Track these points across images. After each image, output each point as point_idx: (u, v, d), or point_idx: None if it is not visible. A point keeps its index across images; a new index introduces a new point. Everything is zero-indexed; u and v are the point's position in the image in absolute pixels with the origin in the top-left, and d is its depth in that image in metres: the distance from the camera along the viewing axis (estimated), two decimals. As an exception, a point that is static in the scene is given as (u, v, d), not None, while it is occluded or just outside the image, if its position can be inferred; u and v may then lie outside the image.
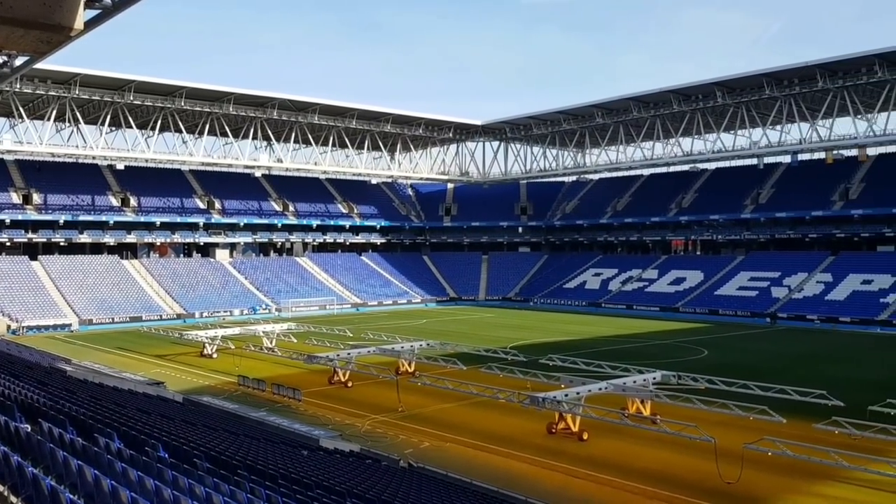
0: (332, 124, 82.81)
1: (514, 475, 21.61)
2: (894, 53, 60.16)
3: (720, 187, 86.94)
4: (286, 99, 75.66)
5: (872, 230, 71.61)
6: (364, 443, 24.55)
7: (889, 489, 19.56)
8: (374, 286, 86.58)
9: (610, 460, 23.17)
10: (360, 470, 18.55)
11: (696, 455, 22.67)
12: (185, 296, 72.59)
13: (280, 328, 49.55)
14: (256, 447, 18.58)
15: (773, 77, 68.24)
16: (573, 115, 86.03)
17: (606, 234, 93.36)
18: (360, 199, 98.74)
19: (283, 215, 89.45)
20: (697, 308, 71.76)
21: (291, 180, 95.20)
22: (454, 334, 54.67)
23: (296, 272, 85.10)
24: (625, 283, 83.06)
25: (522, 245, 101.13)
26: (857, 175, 77.24)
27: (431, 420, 28.62)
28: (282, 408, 30.60)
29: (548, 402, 25.29)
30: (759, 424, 23.17)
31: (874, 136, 67.07)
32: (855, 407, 24.56)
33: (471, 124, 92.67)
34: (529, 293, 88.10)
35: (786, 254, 77.05)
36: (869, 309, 62.15)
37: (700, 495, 19.87)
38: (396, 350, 38.69)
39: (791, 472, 21.13)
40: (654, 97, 77.15)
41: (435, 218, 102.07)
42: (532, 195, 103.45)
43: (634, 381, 28.56)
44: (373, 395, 33.12)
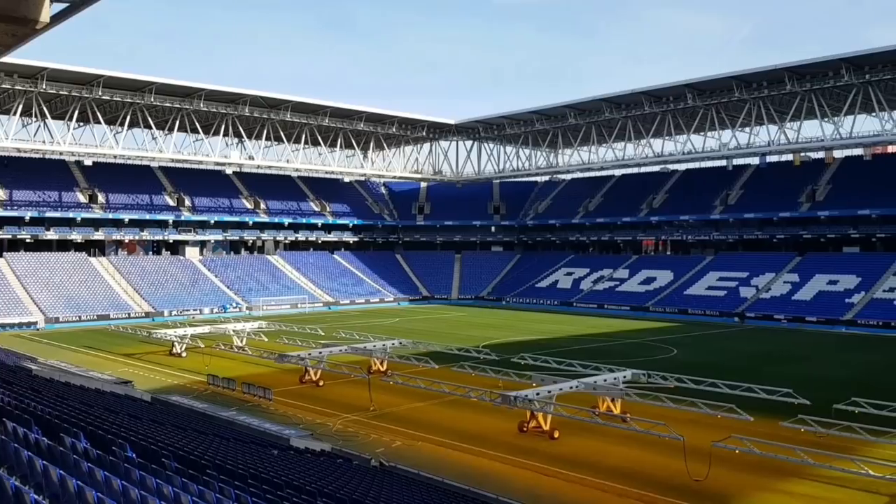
0: (305, 122, 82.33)
1: (486, 473, 21.66)
2: (860, 57, 61.33)
3: (690, 188, 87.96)
4: (258, 95, 75.03)
5: (838, 231, 72.92)
6: (335, 442, 24.45)
7: (853, 486, 19.94)
8: (347, 285, 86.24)
9: (580, 458, 23.32)
10: (330, 469, 18.47)
11: (665, 453, 22.90)
12: (154, 294, 71.72)
13: (251, 327, 49.17)
14: (226, 447, 18.41)
15: (742, 80, 69.17)
16: (546, 116, 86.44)
17: (578, 233, 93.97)
18: (333, 198, 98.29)
19: (255, 213, 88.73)
20: (667, 307, 72.53)
21: (263, 178, 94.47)
22: (427, 333, 54.66)
23: (267, 270, 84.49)
24: (596, 282, 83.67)
25: (495, 244, 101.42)
26: (823, 177, 78.59)
27: (403, 419, 28.59)
28: (252, 407, 30.37)
29: (519, 400, 25.39)
30: (727, 422, 23.47)
31: (840, 139, 68.25)
32: (820, 405, 24.99)
33: (444, 123, 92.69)
34: (502, 292, 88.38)
35: (754, 254, 78.18)
36: (834, 309, 63.27)
37: (669, 493, 20.08)
38: (368, 349, 38.57)
39: (758, 470, 21.44)
40: (626, 98, 77.78)
41: (408, 217, 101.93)
42: (505, 195, 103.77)
43: (605, 380, 28.79)
44: (344, 395, 32.99)
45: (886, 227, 69.90)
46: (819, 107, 66.31)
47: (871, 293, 64.14)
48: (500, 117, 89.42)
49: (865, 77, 62.67)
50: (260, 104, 77.51)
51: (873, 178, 74.44)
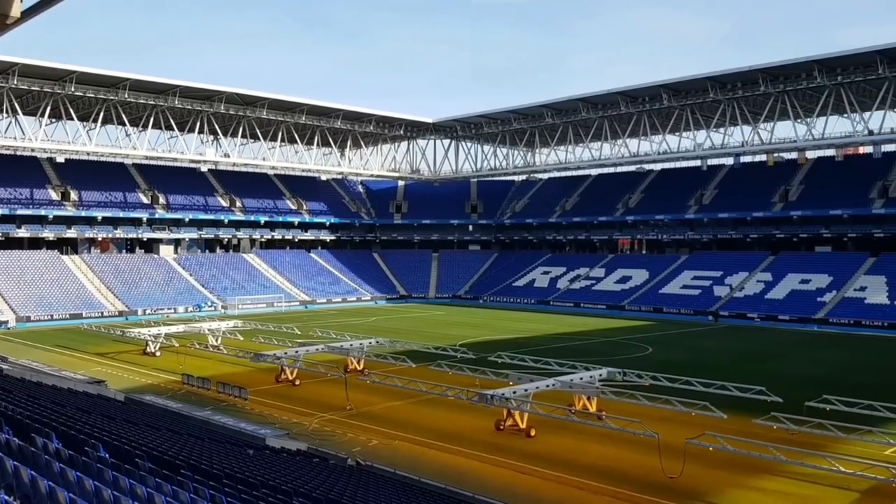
0: (281, 119, 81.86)
1: (462, 472, 21.70)
2: (832, 59, 62.24)
3: (665, 188, 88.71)
4: (234, 93, 74.46)
5: (810, 231, 73.94)
6: (311, 441, 24.35)
7: (824, 482, 20.23)
8: (324, 283, 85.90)
9: (556, 456, 23.44)
10: (307, 469, 18.39)
11: (640, 450, 23.08)
12: (128, 293, 70.94)
13: (226, 326, 48.82)
14: (201, 447, 18.26)
15: (716, 80, 69.89)
16: (523, 115, 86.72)
17: (555, 233, 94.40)
18: (310, 196, 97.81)
19: (230, 211, 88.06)
20: (643, 306, 73.10)
21: (239, 175, 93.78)
22: (404, 332, 54.61)
23: (243, 269, 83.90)
24: (573, 281, 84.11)
25: (473, 243, 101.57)
26: (796, 177, 79.64)
27: (380, 418, 28.54)
28: (227, 407, 30.15)
29: (496, 399, 25.46)
30: (701, 420, 23.71)
31: (813, 140, 69.24)
32: (792, 403, 25.34)
33: (422, 122, 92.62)
34: (479, 291, 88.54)
35: (728, 253, 79.02)
36: (807, 308, 64.15)
37: (644, 490, 20.25)
38: (345, 348, 38.46)
39: (731, 467, 21.68)
40: (603, 98, 78.26)
41: (385, 215, 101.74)
42: (482, 194, 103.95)
43: (581, 378, 28.97)
44: (321, 394, 32.87)
45: (857, 227, 71.03)
46: (792, 108, 67.22)
47: (842, 292, 65.13)
48: (478, 116, 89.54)
49: (837, 79, 63.61)
50: (236, 101, 76.92)
51: (845, 178, 75.59)
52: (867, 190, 71.85)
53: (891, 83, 61.10)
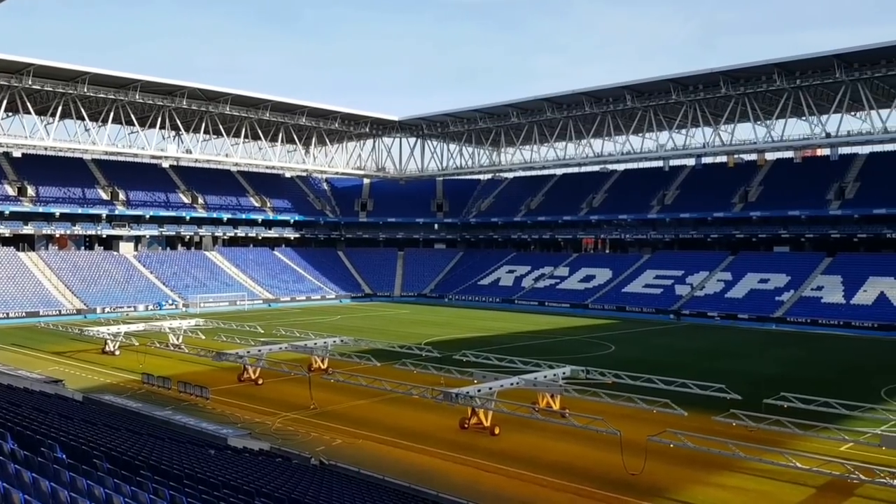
0: (245, 115, 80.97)
1: (426, 470, 21.70)
2: (791, 62, 63.49)
3: (628, 188, 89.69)
4: (196, 88, 73.43)
5: (769, 231, 75.37)
6: (274, 441, 24.14)
7: (781, 478, 20.63)
8: (287, 282, 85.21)
9: (520, 454, 23.55)
10: (269, 469, 18.22)
11: (602, 447, 23.30)
12: (86, 290, 69.57)
13: (187, 324, 48.15)
14: (161, 447, 17.98)
15: (679, 83, 70.85)
16: (489, 114, 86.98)
17: (520, 231, 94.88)
18: (274, 193, 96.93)
19: (192, 208, 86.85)
20: (606, 305, 73.83)
21: (201, 172, 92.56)
22: (369, 331, 54.42)
23: (205, 267, 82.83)
24: (537, 280, 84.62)
25: (438, 242, 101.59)
26: (755, 178, 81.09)
27: (344, 417, 28.41)
28: (188, 406, 29.74)
29: (461, 397, 25.50)
30: (662, 417, 24.02)
31: (772, 142, 70.56)
32: (751, 400, 25.79)
33: (387, 120, 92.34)
34: (445, 290, 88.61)
35: (689, 253, 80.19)
36: (765, 306, 65.37)
37: (605, 486, 20.45)
38: (309, 347, 38.18)
39: (691, 463, 21.99)
40: (567, 98, 78.84)
41: (350, 213, 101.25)
42: (448, 192, 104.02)
43: (545, 376, 29.17)
44: (284, 393, 32.59)
45: (815, 228, 72.59)
46: (752, 110, 68.44)
47: (799, 291, 66.51)
48: (444, 115, 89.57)
49: (796, 82, 64.91)
50: (198, 97, 75.87)
51: (803, 180, 77.21)
52: (824, 191, 73.48)
53: (848, 87, 62.53)
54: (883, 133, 63.80)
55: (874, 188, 70.81)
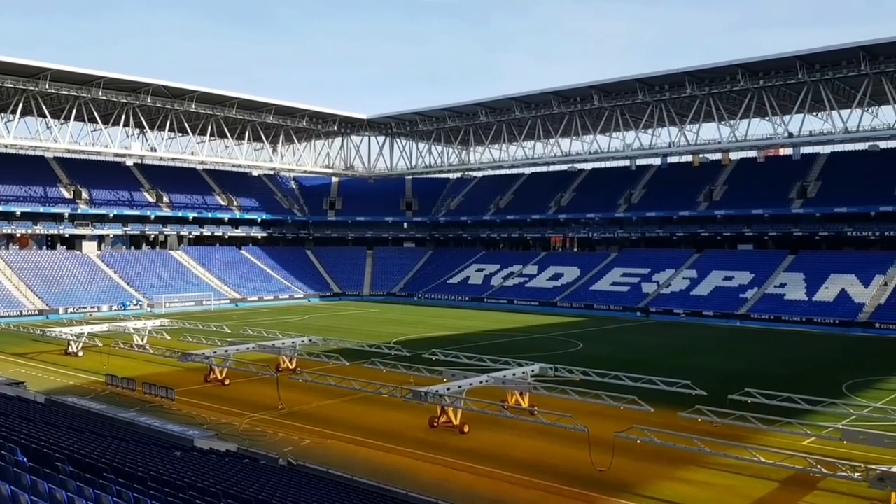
0: (211, 113, 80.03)
1: (396, 470, 21.66)
2: (755, 63, 64.48)
3: (596, 187, 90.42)
4: (161, 85, 72.36)
5: (733, 230, 76.50)
6: (242, 442, 23.91)
7: (746, 472, 20.95)
8: (255, 281, 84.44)
9: (489, 452, 23.62)
10: (236, 470, 18.04)
11: (570, 444, 23.45)
12: (48, 291, 68.25)
13: (152, 325, 47.47)
14: (125, 449, 17.71)
15: (645, 83, 71.58)
16: (458, 113, 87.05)
17: (489, 230, 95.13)
18: (241, 192, 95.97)
19: (157, 207, 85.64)
20: (574, 303, 74.36)
21: (166, 170, 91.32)
22: (337, 330, 54.17)
23: (170, 266, 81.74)
24: (506, 278, 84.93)
25: (407, 240, 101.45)
26: (720, 178, 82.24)
27: (313, 417, 28.23)
28: (154, 408, 29.33)
29: (430, 396, 25.49)
30: (630, 414, 24.25)
31: (736, 142, 71.61)
32: (716, 396, 26.13)
33: (356, 118, 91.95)
34: (414, 288, 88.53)
35: (655, 251, 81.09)
36: (729, 304, 66.35)
37: (573, 483, 20.59)
38: (277, 346, 37.87)
39: (658, 459, 22.24)
40: (536, 98, 79.23)
41: (319, 212, 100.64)
42: (417, 191, 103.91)
43: (514, 374, 29.28)
44: (252, 393, 32.30)
45: (778, 226, 73.85)
46: (717, 110, 69.39)
47: (763, 289, 67.62)
48: (413, 113, 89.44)
49: (760, 83, 65.96)
50: (163, 94, 74.80)
51: (766, 179, 78.50)
52: (787, 190, 74.79)
53: (810, 87, 63.70)
54: (844, 133, 65.10)
55: (835, 187, 72.26)
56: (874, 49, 58.79)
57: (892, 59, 59.53)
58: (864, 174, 72.17)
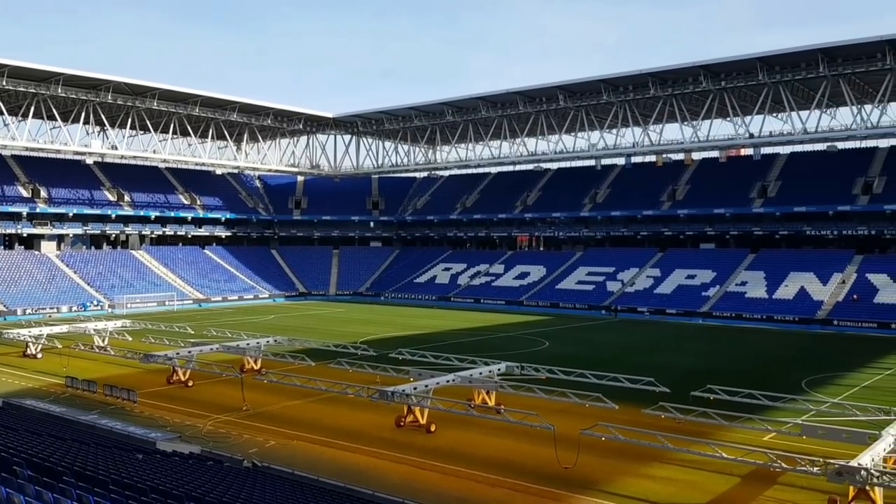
0: (174, 111, 78.85)
1: (362, 470, 21.57)
2: (717, 65, 65.49)
3: (562, 186, 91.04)
4: (122, 82, 71.10)
5: (696, 229, 77.61)
6: (206, 444, 23.63)
7: (708, 468, 21.25)
8: (219, 281, 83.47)
9: (456, 451, 23.65)
10: (200, 472, 17.82)
11: (537, 442, 23.58)
12: (6, 291, 66.70)
13: (113, 326, 46.70)
14: (86, 452, 17.40)
15: (609, 83, 72.26)
16: (425, 112, 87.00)
17: (456, 230, 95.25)
18: (204, 190, 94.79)
19: (118, 206, 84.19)
20: (540, 301, 74.80)
21: (127, 169, 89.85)
22: (303, 330, 53.81)
23: (131, 266, 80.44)
24: (473, 277, 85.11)
25: (374, 240, 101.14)
26: (683, 177, 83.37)
27: (278, 418, 28.00)
28: (115, 410, 28.83)
29: (396, 395, 25.43)
30: (595, 411, 24.46)
31: (698, 142, 72.64)
32: (679, 393, 26.48)
33: (322, 116, 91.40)
34: (380, 288, 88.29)
35: (620, 250, 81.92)
36: (692, 302, 67.30)
37: (539, 480, 20.71)
38: (241, 347, 37.49)
39: (622, 455, 22.47)
40: (502, 98, 79.51)
41: (284, 211, 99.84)
42: (384, 190, 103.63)
43: (480, 373, 29.36)
44: (216, 395, 31.93)
45: (739, 225, 75.10)
46: (679, 111, 70.32)
47: (724, 287, 68.70)
48: (379, 112, 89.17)
49: (721, 84, 66.99)
50: (124, 91, 73.54)
51: (727, 179, 79.76)
52: (748, 190, 76.07)
53: (770, 89, 64.85)
54: (803, 134, 66.47)
55: (795, 187, 73.70)
56: (832, 51, 60.09)
57: (849, 62, 60.91)
58: (823, 174, 73.73)
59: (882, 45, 57.37)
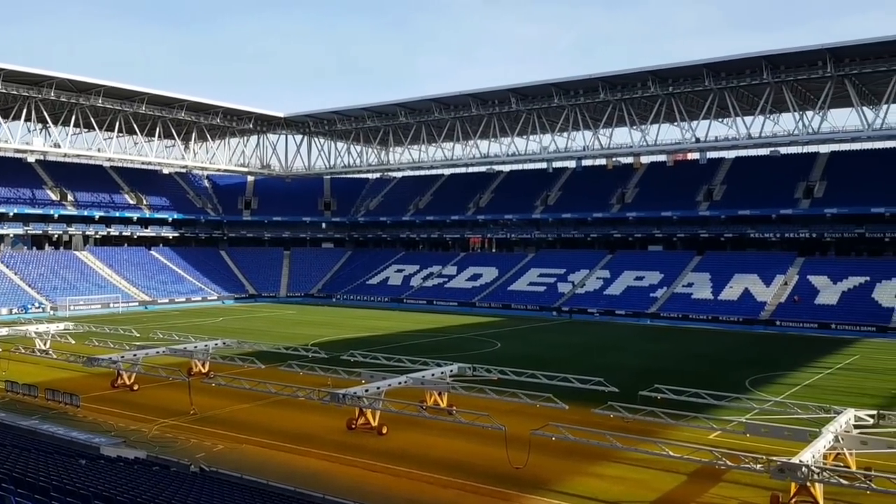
0: (119, 108, 77.03)
1: (312, 473, 21.38)
2: (665, 70, 66.76)
3: (514, 189, 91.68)
4: (65, 78, 69.20)
5: (644, 231, 78.97)
6: (152, 449, 23.13)
7: (656, 466, 21.62)
8: (166, 283, 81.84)
9: (408, 452, 23.60)
10: (146, 478, 17.45)
11: (488, 443, 23.67)
12: (-59, 293, 64.37)
13: (56, 328, 45.36)
14: (26, 458, 16.88)
15: (560, 87, 73.06)
16: (377, 113, 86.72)
17: (409, 231, 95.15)
18: (151, 190, 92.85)
19: (61, 205, 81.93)
20: (492, 302, 75.19)
21: (71, 167, 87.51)
22: (253, 332, 53.11)
23: (75, 268, 78.33)
24: (426, 278, 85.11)
25: (326, 241, 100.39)
26: (632, 181, 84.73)
27: (227, 422, 27.56)
28: (57, 415, 28.03)
29: (348, 398, 25.28)
30: (546, 411, 24.66)
31: (647, 146, 73.91)
32: (627, 392, 26.88)
33: (273, 116, 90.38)
34: (332, 289, 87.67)
35: (570, 252, 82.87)
36: (641, 303, 68.43)
37: (490, 481, 20.80)
38: (189, 350, 36.83)
39: (572, 455, 22.71)
40: (455, 100, 79.73)
41: (234, 211, 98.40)
42: (336, 191, 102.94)
43: (433, 375, 29.37)
44: (162, 399, 31.28)
45: (685, 228, 76.66)
46: (629, 115, 71.45)
47: (672, 288, 70.03)
48: (331, 112, 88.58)
49: (669, 89, 68.28)
50: (68, 88, 71.57)
51: (674, 182, 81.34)
52: (694, 193, 77.70)
53: (716, 94, 66.35)
54: (747, 139, 68.17)
55: (739, 191, 75.57)
56: (775, 59, 61.77)
57: (791, 69, 62.69)
58: (766, 178, 75.72)
59: (823, 53, 59.21)
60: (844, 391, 33.67)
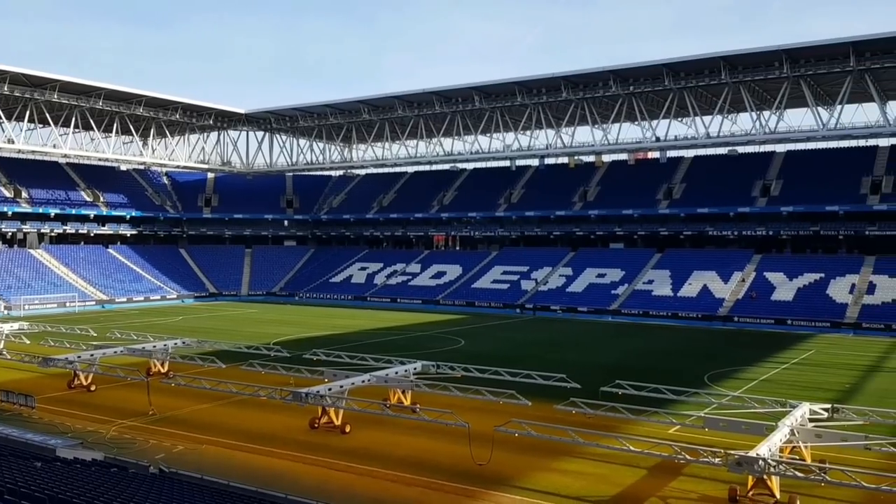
0: (75, 104, 75.41)
1: (275, 473, 21.21)
2: (626, 70, 67.53)
3: (477, 187, 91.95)
4: (18, 73, 67.52)
5: (606, 229, 79.81)
6: (109, 450, 22.70)
7: (617, 461, 21.90)
8: (124, 281, 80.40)
9: (371, 451, 23.53)
10: (103, 479, 17.12)
11: (452, 440, 23.71)
12: None
13: (10, 328, 44.23)
14: (-23, 463, 16.43)
15: (523, 86, 73.44)
16: (340, 110, 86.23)
17: (373, 228, 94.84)
18: (108, 187, 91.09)
19: (15, 202, 79.97)
20: (456, 300, 75.33)
21: (25, 163, 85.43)
22: (214, 331, 52.46)
23: (29, 266, 76.53)
24: (389, 276, 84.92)
25: (288, 238, 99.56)
26: (594, 179, 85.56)
27: (187, 422, 27.18)
28: (11, 416, 27.35)
29: (310, 396, 25.11)
30: (509, 408, 24.78)
31: (608, 145, 74.73)
32: (589, 388, 27.17)
33: (233, 112, 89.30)
34: (295, 287, 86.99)
35: (533, 250, 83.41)
36: (602, 300, 69.15)
37: (454, 478, 20.84)
38: (147, 349, 36.24)
39: (535, 451, 22.86)
40: (418, 97, 79.63)
41: (194, 209, 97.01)
42: (298, 188, 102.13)
43: (396, 373, 29.31)
44: (120, 399, 30.73)
45: (646, 226, 77.67)
46: (590, 114, 72.13)
47: (632, 285, 70.89)
48: (293, 109, 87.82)
49: (630, 89, 69.08)
50: (21, 82, 69.85)
51: (635, 181, 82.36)
52: (654, 191, 78.75)
53: (675, 94, 67.29)
54: (706, 138, 69.34)
55: (698, 189, 76.79)
56: (733, 59, 62.87)
57: (749, 69, 63.88)
58: (724, 177, 77.06)
59: (779, 54, 60.44)
60: (800, 385, 34.46)
